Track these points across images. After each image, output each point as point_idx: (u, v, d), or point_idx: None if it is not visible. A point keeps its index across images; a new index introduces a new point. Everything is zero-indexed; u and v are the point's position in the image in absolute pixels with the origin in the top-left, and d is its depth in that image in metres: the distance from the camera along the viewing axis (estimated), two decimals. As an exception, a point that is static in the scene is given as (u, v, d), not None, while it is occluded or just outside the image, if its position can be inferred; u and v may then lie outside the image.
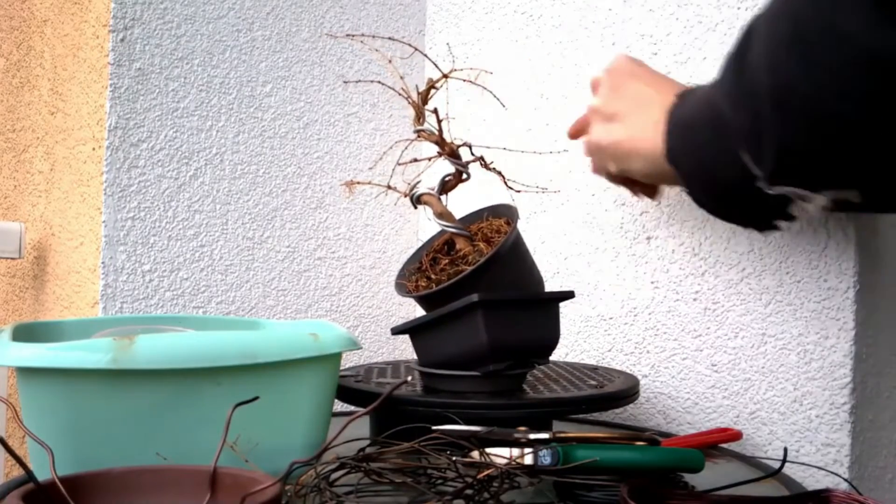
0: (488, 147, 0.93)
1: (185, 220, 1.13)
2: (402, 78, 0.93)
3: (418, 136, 0.89)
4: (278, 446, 0.68)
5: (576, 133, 0.90)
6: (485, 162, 0.91)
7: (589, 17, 1.16)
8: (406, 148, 1.12)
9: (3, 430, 1.27)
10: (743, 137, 0.55)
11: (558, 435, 0.69)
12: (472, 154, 0.90)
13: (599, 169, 0.87)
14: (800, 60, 0.49)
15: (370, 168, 1.30)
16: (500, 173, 0.91)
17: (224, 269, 1.17)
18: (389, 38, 1.21)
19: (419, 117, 0.88)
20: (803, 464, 0.91)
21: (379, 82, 1.15)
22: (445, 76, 0.88)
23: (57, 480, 0.53)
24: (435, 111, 0.87)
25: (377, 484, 0.66)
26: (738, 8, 0.98)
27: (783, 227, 0.63)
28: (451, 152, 0.88)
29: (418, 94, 0.88)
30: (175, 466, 0.59)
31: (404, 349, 1.35)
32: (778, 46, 0.50)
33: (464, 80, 0.94)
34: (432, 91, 0.88)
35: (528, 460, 0.67)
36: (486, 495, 0.61)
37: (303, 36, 1.25)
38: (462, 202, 1.03)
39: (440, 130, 0.87)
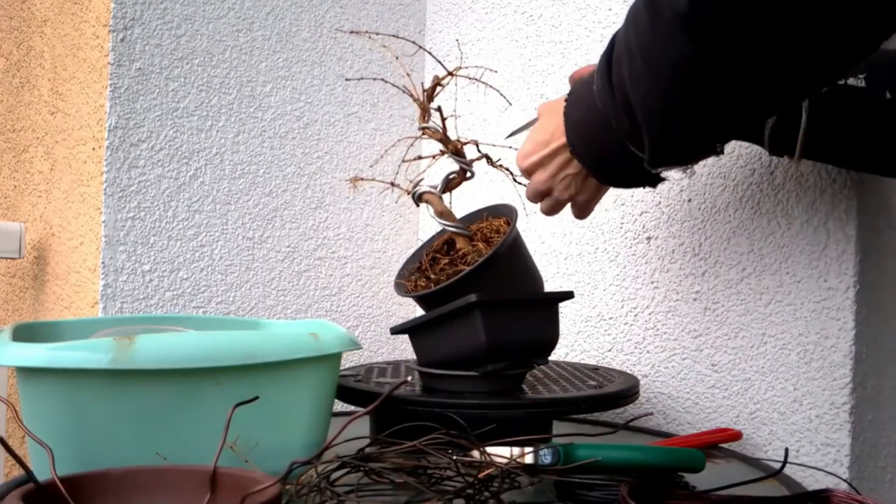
0: (493, 145, 0.93)
1: (185, 220, 1.13)
2: (408, 75, 0.93)
3: (423, 134, 0.89)
4: (278, 446, 0.68)
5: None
6: (490, 159, 0.90)
7: (589, 17, 1.16)
8: (410, 146, 1.12)
9: (3, 430, 1.27)
10: (626, 136, 0.70)
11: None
12: (479, 151, 0.89)
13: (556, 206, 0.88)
14: (653, 82, 0.63)
15: (371, 166, 1.30)
16: (508, 170, 0.91)
17: (224, 269, 1.17)
18: (393, 36, 1.21)
19: (424, 115, 0.88)
20: (803, 465, 0.91)
21: (382, 80, 1.15)
22: (451, 73, 0.88)
23: (57, 480, 0.53)
24: (439, 109, 0.87)
25: (377, 483, 0.66)
26: (738, 8, 0.98)
27: (667, 176, 0.78)
28: (455, 150, 0.88)
29: (423, 91, 0.88)
30: (175, 466, 0.59)
31: (404, 349, 1.35)
32: (631, 71, 0.64)
33: (469, 79, 0.94)
34: (438, 88, 0.88)
35: (529, 459, 0.67)
36: (486, 494, 0.61)
37: (303, 36, 1.25)
38: (467, 201, 1.03)
39: (444, 128, 0.87)
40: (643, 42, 0.62)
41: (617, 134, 0.70)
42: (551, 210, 0.87)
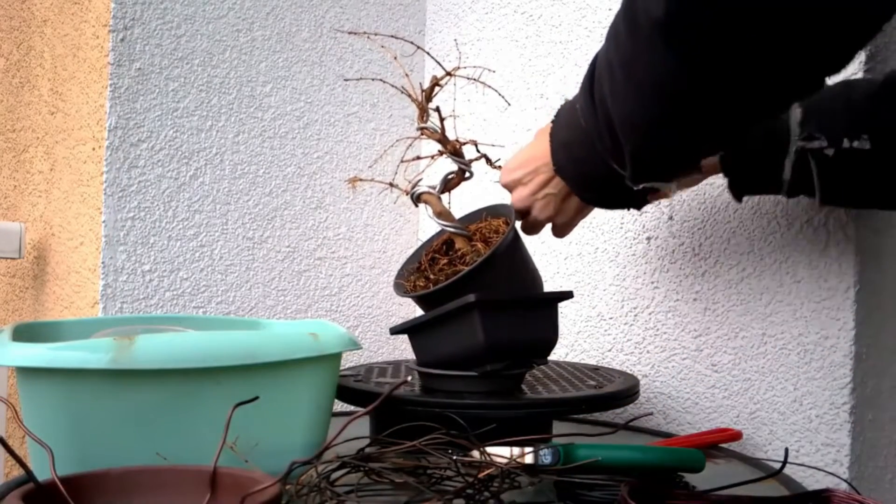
0: (493, 145, 0.93)
1: (185, 220, 1.13)
2: (406, 75, 0.93)
3: (421, 134, 0.89)
4: (278, 446, 0.68)
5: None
6: (489, 160, 0.90)
7: (589, 17, 1.16)
8: (409, 146, 1.12)
9: (3, 430, 1.27)
10: (608, 153, 0.70)
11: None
12: (478, 151, 0.89)
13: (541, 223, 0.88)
14: (634, 96, 0.62)
15: (370, 167, 1.30)
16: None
17: (224, 269, 1.17)
18: (392, 37, 1.21)
19: (422, 115, 0.88)
20: (803, 465, 0.91)
21: (381, 80, 1.15)
22: (449, 74, 0.87)
23: (57, 480, 0.53)
24: (437, 109, 0.87)
25: (377, 483, 0.66)
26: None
27: (652, 200, 0.79)
28: (453, 150, 0.88)
29: (422, 91, 0.88)
30: (175, 466, 0.59)
31: (404, 349, 1.35)
32: (612, 85, 0.64)
33: (467, 79, 0.94)
34: (436, 89, 0.88)
35: (529, 459, 0.67)
36: (486, 494, 0.61)
37: (303, 36, 1.25)
38: (467, 201, 1.03)
39: (443, 128, 0.87)
40: (623, 55, 0.62)
41: (600, 152, 0.71)
42: (530, 230, 0.87)
